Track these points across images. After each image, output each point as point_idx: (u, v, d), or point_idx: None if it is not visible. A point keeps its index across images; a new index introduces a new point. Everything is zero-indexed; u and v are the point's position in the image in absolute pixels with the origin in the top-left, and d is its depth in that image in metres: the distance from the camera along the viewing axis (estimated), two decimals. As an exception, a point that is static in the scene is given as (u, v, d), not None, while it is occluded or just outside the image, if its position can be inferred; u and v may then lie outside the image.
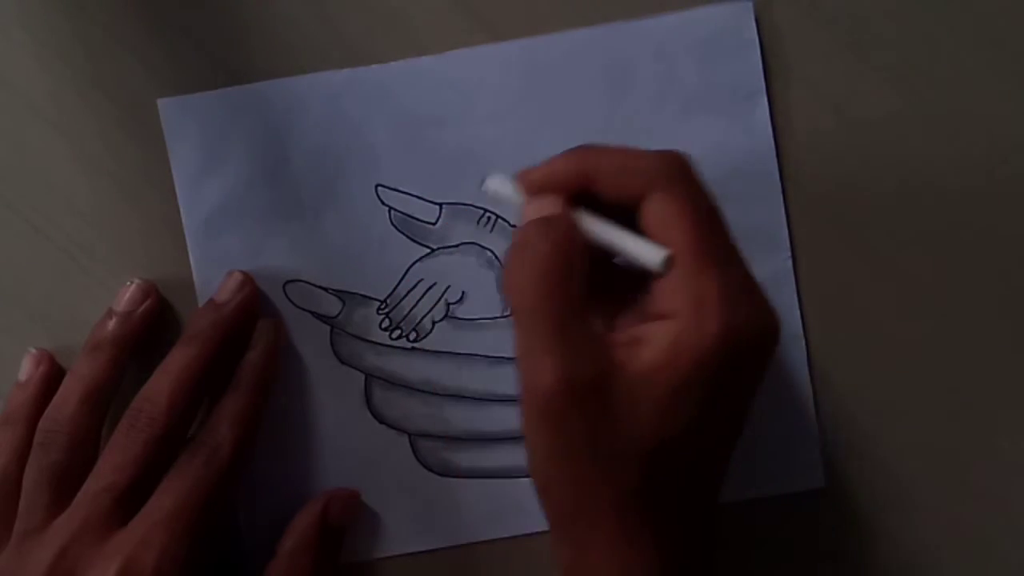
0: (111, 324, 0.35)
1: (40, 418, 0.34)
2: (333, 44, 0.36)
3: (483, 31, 0.36)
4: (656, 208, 0.28)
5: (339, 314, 0.36)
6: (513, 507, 0.37)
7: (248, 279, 0.36)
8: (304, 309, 0.36)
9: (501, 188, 0.31)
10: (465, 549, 0.37)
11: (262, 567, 0.34)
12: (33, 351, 0.36)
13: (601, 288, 0.30)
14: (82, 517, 0.31)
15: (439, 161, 0.36)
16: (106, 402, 0.34)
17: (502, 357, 0.37)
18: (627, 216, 0.29)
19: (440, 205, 0.36)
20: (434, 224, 0.36)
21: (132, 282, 0.36)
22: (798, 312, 0.36)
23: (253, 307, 0.36)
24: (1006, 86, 0.36)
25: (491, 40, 0.36)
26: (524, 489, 0.36)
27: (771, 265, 0.36)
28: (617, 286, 0.30)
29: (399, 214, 0.36)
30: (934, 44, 0.36)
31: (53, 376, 0.36)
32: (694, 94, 0.36)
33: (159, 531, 0.31)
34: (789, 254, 0.36)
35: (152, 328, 0.36)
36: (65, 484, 0.33)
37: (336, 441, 0.36)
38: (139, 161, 0.36)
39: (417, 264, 0.36)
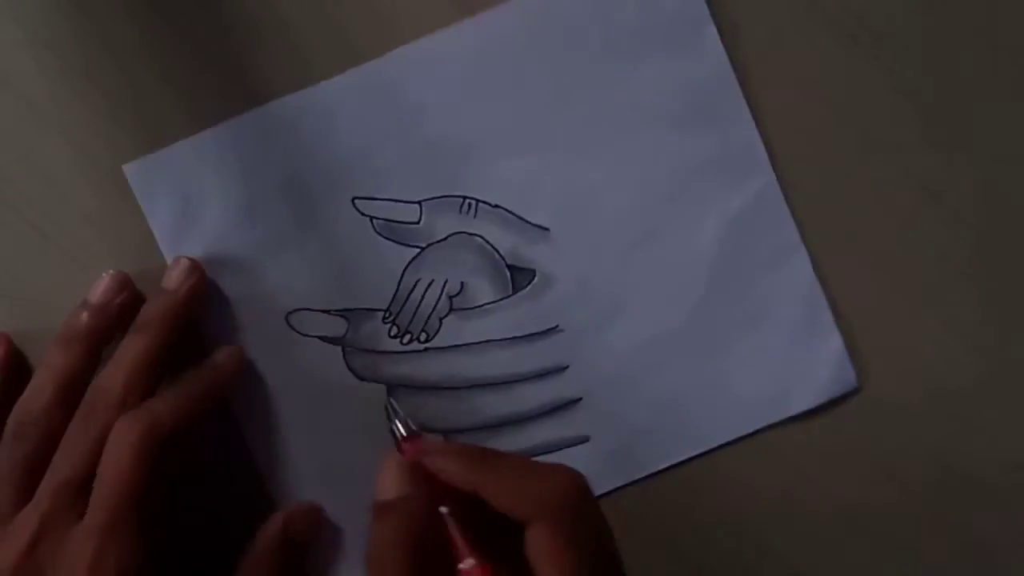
0: (85, 316, 0.35)
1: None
2: (332, 41, 0.36)
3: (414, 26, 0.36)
4: (536, 538, 0.28)
5: (346, 333, 0.36)
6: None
7: (196, 265, 0.35)
8: (311, 336, 0.36)
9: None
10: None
11: None
12: None
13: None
14: (43, 512, 0.31)
15: (407, 160, 0.36)
16: (79, 394, 0.33)
17: (516, 337, 0.37)
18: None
19: (419, 203, 0.36)
20: (417, 223, 0.36)
21: (106, 274, 0.35)
22: (792, 223, 0.36)
23: (202, 292, 0.35)
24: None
25: (425, 32, 0.36)
26: (562, 460, 0.36)
27: (754, 184, 0.36)
28: None
29: (381, 221, 0.36)
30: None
31: (11, 358, 0.36)
32: (641, 35, 0.36)
33: (108, 531, 0.31)
34: (770, 169, 0.36)
35: (127, 321, 0.35)
36: (36, 477, 0.32)
37: (369, 457, 0.36)
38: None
39: (410, 265, 0.36)
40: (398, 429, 0.33)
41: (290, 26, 0.36)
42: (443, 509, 0.30)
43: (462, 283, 0.37)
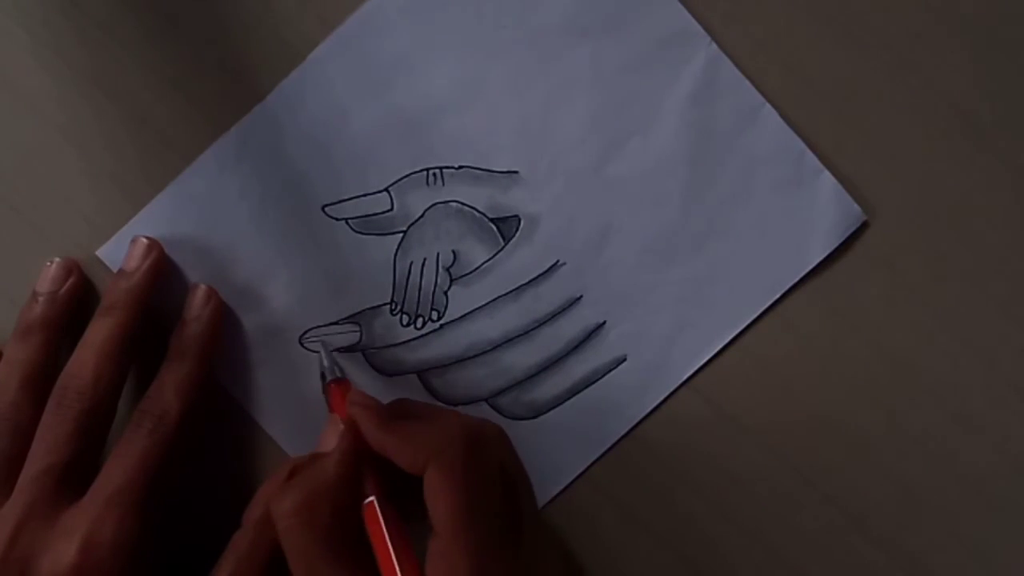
0: (38, 306, 0.35)
1: None
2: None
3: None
4: (429, 479, 0.29)
5: (361, 337, 0.36)
6: (611, 409, 0.37)
7: (154, 243, 0.35)
8: (328, 351, 0.36)
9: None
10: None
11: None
12: None
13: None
14: (25, 502, 0.31)
15: (360, 152, 0.36)
16: (44, 384, 0.34)
17: (522, 285, 0.37)
18: None
19: (386, 190, 0.36)
20: (391, 210, 0.36)
21: (52, 261, 0.36)
22: (747, 83, 0.36)
23: (162, 268, 0.36)
24: None
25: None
26: (608, 387, 0.37)
27: (697, 58, 0.36)
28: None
29: (356, 219, 0.36)
30: None
31: None
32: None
33: (112, 505, 0.31)
34: (709, 38, 0.36)
35: (78, 305, 0.36)
36: (12, 471, 0.33)
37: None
38: (139, 161, 0.36)
39: (399, 252, 0.36)
40: (325, 372, 0.35)
41: (288, 27, 0.36)
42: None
43: (453, 252, 0.37)
